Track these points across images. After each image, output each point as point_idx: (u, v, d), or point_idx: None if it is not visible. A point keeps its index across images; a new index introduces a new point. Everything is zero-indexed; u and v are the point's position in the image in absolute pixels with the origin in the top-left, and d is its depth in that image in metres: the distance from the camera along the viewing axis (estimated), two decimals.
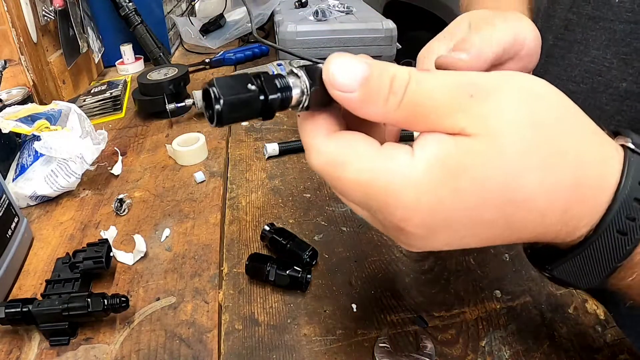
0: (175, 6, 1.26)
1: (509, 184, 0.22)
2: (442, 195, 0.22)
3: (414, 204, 0.23)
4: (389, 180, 0.23)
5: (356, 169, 0.24)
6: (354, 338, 0.40)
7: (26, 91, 0.74)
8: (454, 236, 0.24)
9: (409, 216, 0.23)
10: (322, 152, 0.25)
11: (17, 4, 0.75)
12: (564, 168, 0.23)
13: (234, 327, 0.41)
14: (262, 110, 0.23)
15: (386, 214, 0.24)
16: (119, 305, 0.40)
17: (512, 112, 0.23)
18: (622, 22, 0.46)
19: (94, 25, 1.01)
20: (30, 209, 0.59)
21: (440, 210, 0.23)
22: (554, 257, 0.27)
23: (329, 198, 0.58)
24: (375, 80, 0.23)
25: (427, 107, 0.23)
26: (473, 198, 0.23)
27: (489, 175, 0.22)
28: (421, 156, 0.23)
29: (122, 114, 0.85)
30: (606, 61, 0.48)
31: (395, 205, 0.23)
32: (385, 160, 0.23)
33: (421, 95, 0.23)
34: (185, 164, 0.66)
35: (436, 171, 0.22)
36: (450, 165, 0.22)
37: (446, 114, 0.23)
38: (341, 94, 0.23)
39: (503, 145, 0.22)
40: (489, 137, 0.22)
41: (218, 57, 1.06)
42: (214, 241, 0.51)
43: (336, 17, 1.03)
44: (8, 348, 0.40)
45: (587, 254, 0.25)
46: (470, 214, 0.23)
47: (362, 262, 0.48)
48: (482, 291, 0.43)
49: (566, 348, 0.38)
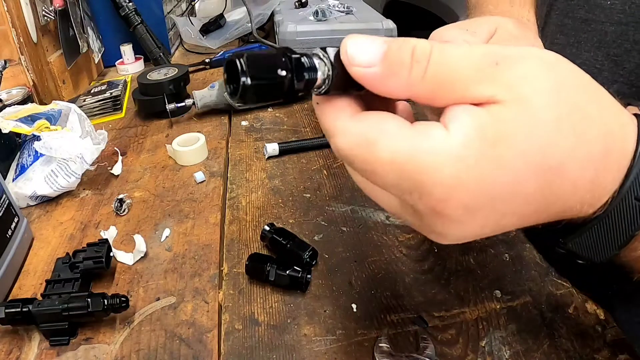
0: (175, 6, 1.26)
1: (546, 150, 0.22)
2: (484, 168, 0.21)
3: (454, 180, 0.21)
4: (426, 158, 0.21)
5: (389, 148, 0.22)
6: (354, 338, 0.40)
7: (26, 91, 0.74)
8: (493, 217, 0.23)
9: (448, 195, 0.22)
10: (349, 132, 0.23)
11: (17, 4, 0.75)
12: (593, 134, 0.23)
13: (234, 327, 0.41)
14: (286, 94, 0.22)
15: (423, 195, 0.22)
16: (119, 305, 0.40)
17: (539, 79, 0.22)
18: (613, 24, 0.46)
19: (94, 25, 1.02)
20: (30, 209, 0.59)
21: (482, 186, 0.21)
22: (569, 231, 0.27)
23: (329, 198, 0.58)
24: (395, 52, 0.22)
25: (452, 76, 0.22)
26: (514, 168, 0.21)
27: (527, 141, 0.21)
28: (457, 130, 0.21)
29: (122, 114, 0.85)
30: (597, 63, 0.48)
31: (434, 184, 0.21)
32: (420, 137, 0.22)
33: (446, 64, 0.22)
34: (185, 164, 0.66)
35: (475, 143, 0.21)
36: (489, 135, 0.21)
37: (473, 82, 0.22)
38: (362, 69, 0.22)
39: (536, 111, 0.21)
40: (520, 103, 0.21)
41: (218, 57, 1.06)
42: (214, 241, 0.51)
43: (336, 17, 1.03)
44: (8, 348, 0.40)
45: (605, 224, 0.25)
46: (512, 187, 0.22)
47: (362, 262, 0.48)
48: (482, 291, 0.43)
49: (566, 348, 0.38)
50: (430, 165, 0.21)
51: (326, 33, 0.99)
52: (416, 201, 0.23)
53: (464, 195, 0.22)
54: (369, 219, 0.54)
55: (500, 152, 0.21)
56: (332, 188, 0.60)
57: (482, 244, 0.49)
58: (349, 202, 0.57)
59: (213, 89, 0.79)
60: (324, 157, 0.67)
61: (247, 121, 0.79)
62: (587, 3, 0.49)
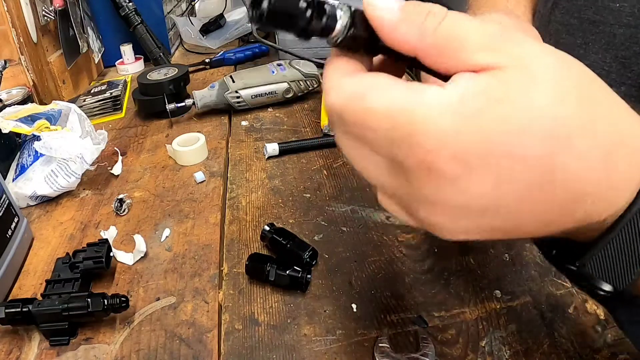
0: (175, 6, 1.26)
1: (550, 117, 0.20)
2: (480, 121, 0.20)
3: (447, 130, 0.20)
4: (419, 108, 0.21)
5: (381, 99, 0.22)
6: (354, 338, 0.40)
7: (26, 91, 0.74)
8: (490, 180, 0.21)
9: (439, 144, 0.20)
10: (343, 89, 0.23)
11: (17, 4, 0.75)
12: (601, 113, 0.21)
13: (234, 327, 0.41)
14: (302, 31, 0.23)
15: (413, 146, 0.21)
16: (119, 305, 0.40)
17: (547, 55, 0.21)
18: (622, 26, 0.46)
19: (94, 25, 1.02)
20: (30, 209, 0.59)
21: (478, 137, 0.20)
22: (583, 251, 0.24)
23: (329, 198, 0.58)
24: (413, 5, 0.23)
25: (462, 38, 0.22)
26: (517, 125, 0.20)
27: (531, 104, 0.20)
28: (455, 86, 0.21)
29: (122, 114, 0.85)
30: (605, 65, 0.48)
31: (424, 134, 0.20)
32: (415, 91, 0.21)
33: (458, 25, 0.22)
34: (185, 164, 0.66)
35: (474, 98, 0.20)
36: (490, 93, 0.20)
37: (479, 49, 0.21)
38: (379, 11, 0.23)
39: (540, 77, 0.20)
40: (523, 68, 0.21)
41: (218, 57, 1.06)
42: (214, 241, 0.51)
43: None
44: (8, 348, 0.40)
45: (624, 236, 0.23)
46: (513, 146, 0.20)
47: (362, 262, 0.48)
48: (482, 291, 0.43)
49: (566, 348, 0.38)
50: (423, 114, 0.20)
51: None
52: (407, 154, 0.21)
53: (456, 145, 0.20)
54: (369, 219, 0.54)
55: (501, 109, 0.20)
56: (332, 188, 0.60)
57: (482, 244, 0.49)
58: (349, 202, 0.57)
59: (213, 89, 0.79)
60: (324, 157, 0.67)
61: (247, 121, 0.79)
62: (595, 4, 0.49)
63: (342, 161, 0.66)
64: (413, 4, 0.23)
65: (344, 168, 0.64)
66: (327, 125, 0.72)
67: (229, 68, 1.05)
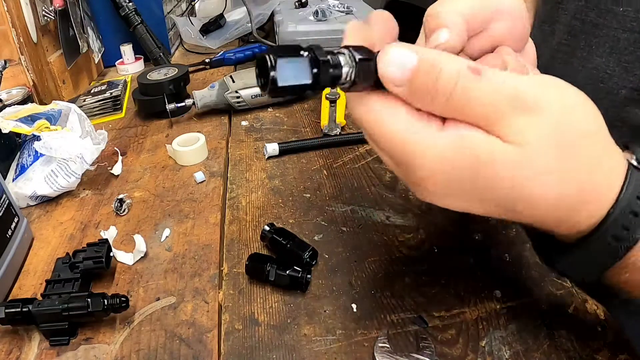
0: (175, 6, 1.26)
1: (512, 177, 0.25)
2: (455, 175, 0.26)
3: (432, 171, 0.26)
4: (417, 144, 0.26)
5: (393, 126, 0.26)
6: (354, 338, 0.40)
7: (26, 91, 0.74)
8: (462, 203, 0.28)
9: (427, 177, 0.26)
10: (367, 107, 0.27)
11: (17, 4, 0.75)
12: (572, 186, 0.26)
13: (234, 327, 0.41)
14: (312, 89, 0.25)
15: (409, 171, 0.27)
16: (119, 305, 0.40)
17: (546, 130, 0.25)
18: (626, 31, 0.46)
19: (94, 25, 1.02)
20: (30, 209, 0.59)
21: (451, 184, 0.26)
22: (559, 251, 0.31)
23: (329, 198, 0.58)
24: (421, 77, 0.25)
25: (470, 115, 0.25)
26: (485, 189, 0.26)
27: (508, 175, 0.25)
28: (449, 134, 0.25)
29: (122, 114, 0.85)
30: (609, 69, 0.48)
31: (418, 167, 0.26)
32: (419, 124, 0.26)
33: (466, 102, 0.25)
34: (185, 164, 0.66)
35: (457, 152, 0.25)
36: (473, 154, 0.25)
37: (488, 123, 0.25)
38: (391, 85, 0.26)
39: (531, 159, 0.25)
40: (517, 147, 0.25)
41: (218, 57, 1.06)
42: (214, 241, 0.51)
43: (336, 17, 1.03)
44: (8, 348, 0.40)
45: (586, 251, 0.28)
46: (476, 195, 0.27)
47: (362, 262, 0.48)
48: (482, 291, 0.43)
49: (566, 348, 0.38)
50: (417, 152, 0.26)
51: (326, 33, 0.99)
52: (404, 172, 0.28)
53: (439, 182, 0.27)
54: (369, 219, 0.54)
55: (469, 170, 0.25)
56: (332, 188, 0.60)
57: (482, 244, 0.49)
58: (349, 202, 0.57)
59: (213, 89, 0.79)
60: (324, 157, 0.67)
61: (247, 121, 0.79)
62: (597, 7, 0.48)
63: (342, 161, 0.66)
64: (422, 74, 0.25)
65: (344, 168, 0.64)
66: (327, 125, 0.72)
67: (229, 68, 1.05)
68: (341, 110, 0.77)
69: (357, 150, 0.68)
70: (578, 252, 0.29)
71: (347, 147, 0.69)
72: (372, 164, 0.64)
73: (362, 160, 0.66)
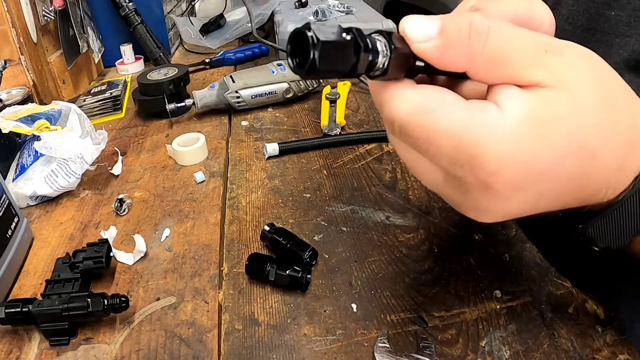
0: (175, 6, 1.26)
1: (588, 134, 0.24)
2: (535, 148, 0.23)
3: (507, 156, 0.23)
4: (482, 132, 0.23)
5: (448, 117, 0.23)
6: (354, 338, 0.40)
7: (26, 91, 0.74)
8: (534, 194, 0.25)
9: (500, 169, 0.23)
10: (408, 100, 0.24)
11: (17, 4, 0.75)
12: (625, 123, 0.25)
13: (234, 327, 0.41)
14: (347, 75, 0.23)
15: (475, 168, 0.23)
16: (119, 305, 0.40)
17: (583, 69, 0.24)
18: (619, 36, 0.46)
19: (94, 25, 1.02)
20: (30, 209, 0.59)
21: (531, 163, 0.23)
22: (589, 217, 0.29)
23: (329, 198, 0.58)
24: (452, 24, 0.23)
25: (508, 55, 0.23)
26: (561, 149, 0.23)
27: (572, 125, 0.23)
28: (511, 110, 0.23)
29: (122, 114, 0.85)
30: None
31: (488, 157, 0.23)
32: (477, 111, 0.23)
33: (502, 42, 0.23)
34: (185, 164, 0.66)
35: (528, 124, 0.23)
36: (540, 118, 0.23)
37: (525, 65, 0.23)
38: (422, 44, 0.23)
39: (580, 98, 0.23)
40: (567, 90, 0.23)
41: (218, 57, 1.06)
42: (214, 241, 0.51)
43: (336, 17, 1.03)
44: (8, 348, 0.40)
45: (624, 209, 0.27)
46: (556, 166, 0.24)
47: (362, 262, 0.48)
48: (482, 291, 0.43)
49: (566, 348, 0.38)
50: (486, 139, 0.22)
51: None
52: (467, 173, 0.24)
53: (514, 171, 0.23)
54: (369, 219, 0.54)
55: (549, 134, 0.23)
56: (332, 188, 0.60)
57: (482, 244, 0.49)
58: (349, 202, 0.57)
59: (213, 89, 0.79)
60: (324, 157, 0.67)
61: (247, 121, 0.79)
62: (588, 11, 0.48)
63: (342, 161, 0.66)
64: (451, 23, 0.23)
65: (344, 168, 0.64)
66: (327, 125, 0.72)
67: (229, 68, 1.05)
68: (341, 110, 0.77)
69: (357, 150, 0.68)
70: (616, 211, 0.27)
71: (347, 147, 0.69)
72: (372, 164, 0.64)
73: (362, 160, 0.66)
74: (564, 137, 0.23)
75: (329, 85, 0.87)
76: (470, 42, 0.23)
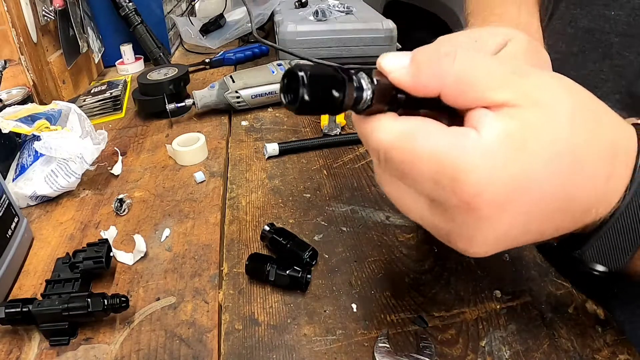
0: (175, 6, 1.26)
1: (567, 146, 0.24)
2: (514, 167, 0.23)
3: (487, 177, 0.23)
4: (462, 154, 0.23)
5: (429, 142, 0.24)
6: (354, 338, 0.40)
7: (26, 91, 0.74)
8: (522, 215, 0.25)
9: (481, 189, 0.23)
10: (392, 128, 0.25)
11: (17, 4, 0.75)
12: (603, 132, 0.25)
13: (234, 327, 0.41)
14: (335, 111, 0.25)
15: (456, 189, 0.24)
16: (119, 305, 0.40)
17: (555, 86, 0.25)
18: (619, 35, 0.46)
19: (94, 25, 1.02)
20: (30, 209, 0.59)
21: (511, 182, 0.24)
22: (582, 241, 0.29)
23: (329, 198, 0.58)
24: (422, 52, 0.25)
25: (475, 76, 0.24)
26: (540, 163, 0.24)
27: (549, 139, 0.24)
28: (487, 132, 0.24)
29: (122, 114, 0.85)
30: (602, 74, 0.47)
31: (468, 179, 0.23)
32: (458, 135, 0.24)
33: (470, 63, 0.24)
34: (185, 164, 0.66)
35: (505, 144, 0.23)
36: (516, 137, 0.24)
37: (492, 87, 0.24)
38: (396, 73, 0.25)
39: (553, 112, 0.24)
40: (537, 107, 0.24)
41: (218, 57, 1.06)
42: (214, 241, 0.51)
43: (336, 17, 1.03)
44: (8, 348, 0.40)
45: (618, 225, 0.27)
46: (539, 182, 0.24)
47: (362, 262, 0.48)
48: (482, 291, 0.43)
49: (566, 348, 0.38)
50: (465, 161, 0.23)
51: (326, 33, 0.99)
52: (450, 196, 0.24)
53: (495, 189, 0.24)
54: (369, 219, 0.54)
55: (526, 151, 0.24)
56: (332, 188, 0.60)
57: None
58: (349, 202, 0.57)
59: (213, 89, 0.79)
60: (324, 157, 0.67)
61: (247, 121, 0.79)
62: (590, 13, 0.48)
63: (342, 161, 0.66)
64: (421, 51, 0.26)
65: (344, 168, 0.64)
66: (327, 125, 0.72)
67: (229, 68, 1.05)
68: None
69: (357, 150, 0.68)
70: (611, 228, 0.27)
71: (347, 147, 0.69)
72: (372, 164, 0.64)
73: (362, 160, 0.66)
74: (541, 152, 0.24)
75: None
76: (439, 63, 0.25)
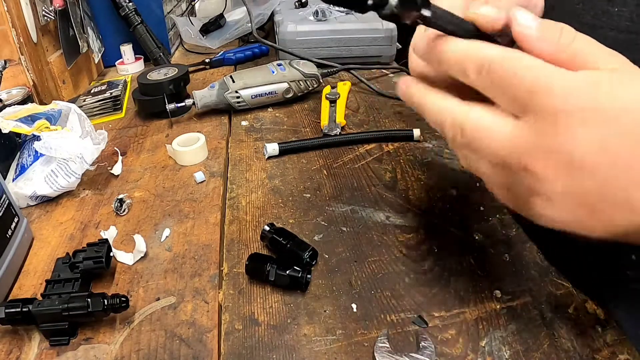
0: (175, 6, 1.26)
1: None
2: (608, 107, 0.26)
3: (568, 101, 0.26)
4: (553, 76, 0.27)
5: (536, 61, 0.28)
6: (354, 338, 0.40)
7: (26, 91, 0.74)
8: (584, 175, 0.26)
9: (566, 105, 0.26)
10: (497, 47, 0.29)
11: (17, 4, 0.75)
12: None
13: (234, 327, 0.41)
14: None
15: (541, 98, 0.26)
16: (119, 305, 0.40)
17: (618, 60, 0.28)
18: (622, 32, 0.46)
19: (94, 25, 1.02)
20: (30, 209, 0.59)
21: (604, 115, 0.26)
22: None
23: (329, 198, 0.58)
24: (548, 23, 0.29)
25: (589, 55, 0.28)
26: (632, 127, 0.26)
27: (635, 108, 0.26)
28: (580, 73, 0.27)
29: (122, 114, 0.85)
30: None
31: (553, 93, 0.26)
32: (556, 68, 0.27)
33: (586, 47, 0.28)
34: (185, 164, 0.66)
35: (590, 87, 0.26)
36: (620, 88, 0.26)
37: (602, 60, 0.28)
38: (522, 29, 0.29)
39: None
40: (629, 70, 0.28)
41: (218, 57, 1.06)
42: (214, 241, 0.51)
43: (336, 17, 1.03)
44: (8, 348, 0.40)
45: None
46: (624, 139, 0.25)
47: (362, 262, 0.48)
48: (482, 291, 0.43)
49: (566, 348, 0.38)
50: (555, 81, 0.26)
51: (326, 33, 0.99)
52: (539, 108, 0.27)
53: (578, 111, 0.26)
54: (369, 219, 0.54)
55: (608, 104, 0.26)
56: (332, 188, 0.60)
57: (482, 244, 0.49)
58: (349, 202, 0.57)
59: (213, 89, 0.79)
60: (324, 157, 0.67)
61: (247, 121, 0.79)
62: (594, 9, 0.48)
63: (342, 161, 0.66)
64: (548, 23, 0.29)
65: (344, 168, 0.64)
66: (327, 125, 0.72)
67: (229, 68, 1.05)
68: (341, 110, 0.77)
69: (357, 150, 0.68)
70: None
71: (347, 147, 0.69)
72: (372, 164, 0.64)
73: (362, 160, 0.66)
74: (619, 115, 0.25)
75: (329, 85, 0.87)
76: (559, 40, 0.28)
